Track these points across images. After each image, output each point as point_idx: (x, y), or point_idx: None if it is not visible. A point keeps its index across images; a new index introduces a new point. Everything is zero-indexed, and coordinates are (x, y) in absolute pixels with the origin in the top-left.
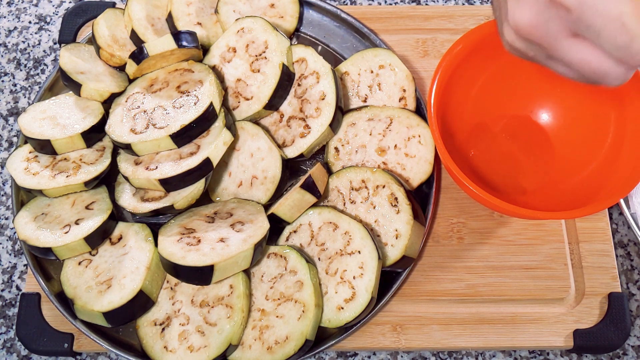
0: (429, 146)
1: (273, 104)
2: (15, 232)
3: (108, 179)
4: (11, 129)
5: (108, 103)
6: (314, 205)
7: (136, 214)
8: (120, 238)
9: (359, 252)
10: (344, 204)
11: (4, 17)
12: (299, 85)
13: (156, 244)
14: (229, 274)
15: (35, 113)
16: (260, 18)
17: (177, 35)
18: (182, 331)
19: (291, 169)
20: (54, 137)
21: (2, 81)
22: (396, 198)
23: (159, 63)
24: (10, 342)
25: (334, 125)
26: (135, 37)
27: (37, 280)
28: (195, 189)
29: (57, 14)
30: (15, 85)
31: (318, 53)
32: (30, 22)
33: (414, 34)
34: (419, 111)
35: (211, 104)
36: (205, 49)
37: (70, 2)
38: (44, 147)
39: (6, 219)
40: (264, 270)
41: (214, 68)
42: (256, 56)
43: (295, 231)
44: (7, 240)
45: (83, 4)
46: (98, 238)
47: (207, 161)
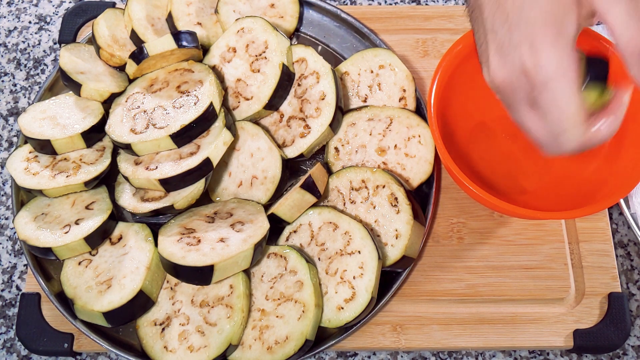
0: (429, 146)
1: (273, 104)
2: (15, 232)
3: (108, 179)
4: (11, 129)
5: (108, 103)
6: (314, 205)
7: (136, 214)
8: (120, 238)
9: (359, 252)
10: (344, 204)
11: (4, 17)
12: (299, 85)
13: (156, 244)
14: (229, 274)
15: (35, 113)
16: (260, 18)
17: (177, 35)
18: (182, 331)
19: (291, 169)
20: (54, 137)
21: (2, 81)
22: (396, 198)
23: (159, 63)
24: (10, 342)
25: (334, 125)
26: (135, 37)
27: (37, 280)
28: (195, 189)
29: (57, 14)
30: (15, 85)
31: (318, 53)
32: (30, 22)
33: (414, 34)
34: (419, 111)
35: (211, 104)
36: (205, 49)
37: (70, 2)
38: (44, 147)
39: (6, 219)
40: (264, 270)
41: (214, 68)
42: (256, 56)
43: (295, 231)
44: (7, 240)
45: (83, 4)
46: (98, 238)
47: (207, 161)
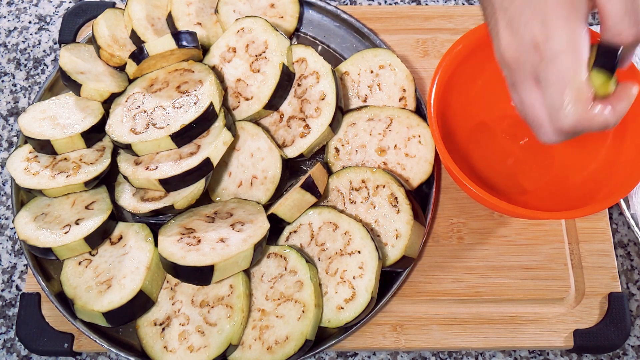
0: (429, 146)
1: (273, 104)
2: (15, 232)
3: (108, 179)
4: (11, 129)
5: (108, 103)
6: (314, 205)
7: (136, 214)
8: (120, 238)
9: (359, 252)
10: (344, 204)
11: (4, 17)
12: (299, 85)
13: (156, 244)
14: (229, 274)
15: (35, 113)
16: (260, 18)
17: (177, 35)
18: (182, 331)
19: (291, 169)
20: (54, 137)
21: (2, 81)
22: (396, 198)
23: (159, 63)
24: (10, 342)
25: (334, 125)
26: (135, 37)
27: (37, 280)
28: (195, 189)
29: (57, 14)
30: (15, 85)
31: (318, 53)
32: (30, 22)
33: (414, 34)
34: (419, 111)
35: (211, 104)
36: (205, 49)
37: (70, 2)
38: (44, 147)
39: (6, 219)
40: (264, 270)
41: (214, 68)
42: (256, 56)
43: (295, 231)
44: (7, 240)
45: (83, 4)
46: (98, 238)
47: (207, 161)
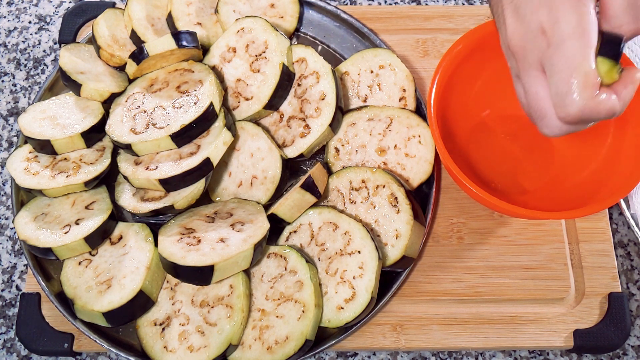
0: (429, 146)
1: (273, 104)
2: (15, 232)
3: (108, 179)
4: (11, 129)
5: (108, 103)
6: (314, 205)
7: (136, 214)
8: (120, 238)
9: (359, 252)
10: (344, 204)
11: (4, 17)
12: (299, 85)
13: (156, 244)
14: (229, 274)
15: (35, 113)
16: (260, 18)
17: (177, 35)
18: (182, 331)
19: (291, 169)
20: (54, 137)
21: (2, 81)
22: (396, 198)
23: (159, 63)
24: (10, 342)
25: (334, 125)
26: (135, 37)
27: (37, 280)
28: (195, 189)
29: (57, 14)
30: (15, 85)
31: (318, 53)
32: (30, 22)
33: (414, 34)
34: (419, 111)
35: (211, 104)
36: (205, 49)
37: (70, 2)
38: (44, 147)
39: (6, 219)
40: (264, 270)
41: (214, 68)
42: (256, 56)
43: (295, 231)
44: (7, 240)
45: (83, 4)
46: (98, 238)
47: (207, 161)
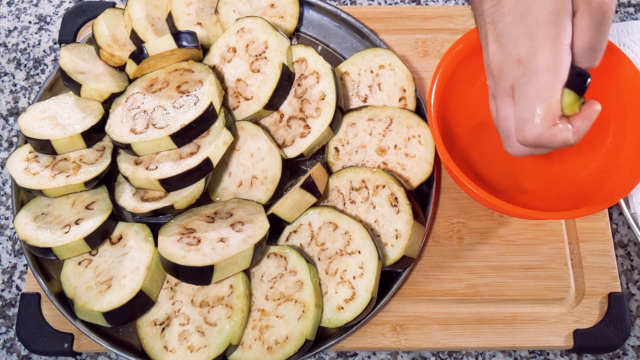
0: (429, 146)
1: (273, 104)
2: (15, 232)
3: (108, 179)
4: (11, 129)
5: (108, 103)
6: (314, 205)
7: (136, 214)
8: (120, 238)
9: (359, 252)
10: (344, 204)
11: (4, 17)
12: (299, 85)
13: (156, 244)
14: (229, 274)
15: (35, 113)
16: (260, 18)
17: (177, 35)
18: (182, 331)
19: (291, 169)
20: (54, 137)
21: (2, 81)
22: (396, 198)
23: (159, 63)
24: (10, 342)
25: (334, 125)
26: (135, 37)
27: (37, 280)
28: (195, 189)
29: (57, 14)
30: (15, 85)
31: (318, 53)
32: (30, 22)
33: (414, 34)
34: (419, 111)
35: (211, 104)
36: (205, 49)
37: (70, 2)
38: (44, 147)
39: (6, 219)
40: (264, 270)
41: (214, 68)
42: (256, 56)
43: (295, 231)
44: (7, 240)
45: (83, 4)
46: (98, 238)
47: (207, 161)
